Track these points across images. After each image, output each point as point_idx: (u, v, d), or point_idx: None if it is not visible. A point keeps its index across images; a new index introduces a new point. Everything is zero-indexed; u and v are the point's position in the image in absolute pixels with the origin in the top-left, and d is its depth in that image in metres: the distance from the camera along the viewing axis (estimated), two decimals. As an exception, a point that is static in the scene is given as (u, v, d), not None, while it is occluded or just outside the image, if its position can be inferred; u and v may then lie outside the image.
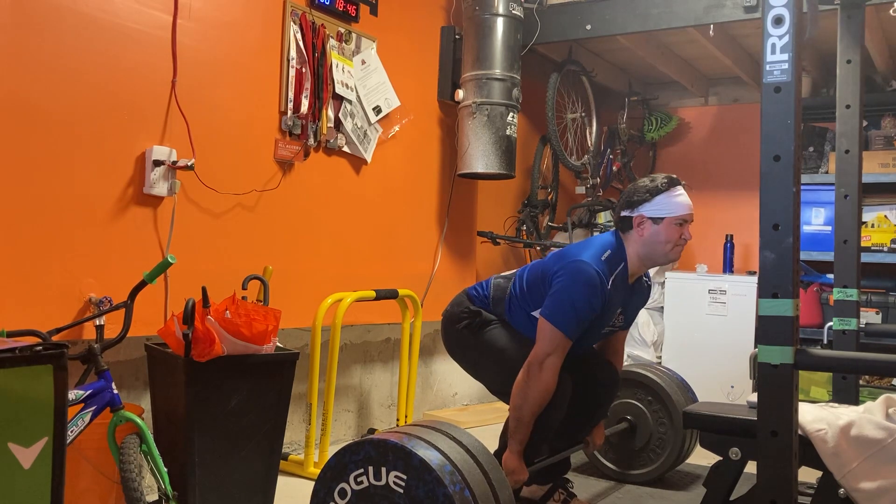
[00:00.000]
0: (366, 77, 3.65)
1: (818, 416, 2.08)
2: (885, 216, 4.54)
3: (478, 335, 2.70)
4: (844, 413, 2.10)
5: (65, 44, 2.54)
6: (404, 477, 1.92)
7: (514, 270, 2.81)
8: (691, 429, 3.04)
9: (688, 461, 3.34)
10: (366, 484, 1.97)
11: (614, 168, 5.41)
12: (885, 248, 4.51)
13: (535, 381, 2.44)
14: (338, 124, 3.52)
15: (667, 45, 4.86)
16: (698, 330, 4.74)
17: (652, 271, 4.90)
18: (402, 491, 1.92)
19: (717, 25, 3.94)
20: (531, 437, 2.51)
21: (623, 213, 2.59)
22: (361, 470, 1.98)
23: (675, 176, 2.59)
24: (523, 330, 2.65)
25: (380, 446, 1.96)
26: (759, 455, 1.70)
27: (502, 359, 2.64)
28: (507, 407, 2.61)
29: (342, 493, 2.00)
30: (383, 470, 1.95)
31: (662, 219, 2.51)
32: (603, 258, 2.52)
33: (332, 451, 3.31)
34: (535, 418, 2.47)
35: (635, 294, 2.73)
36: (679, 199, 2.54)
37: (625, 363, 4.98)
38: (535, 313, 2.59)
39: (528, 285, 2.68)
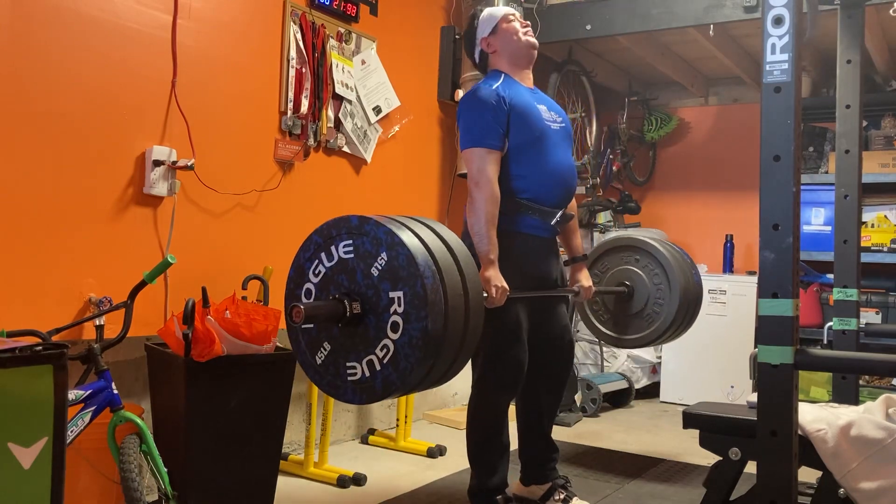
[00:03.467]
0: (366, 77, 3.65)
1: (818, 416, 2.07)
2: (885, 216, 4.54)
3: None
4: (844, 413, 2.10)
5: (65, 44, 2.54)
6: (349, 241, 1.95)
7: None
8: (691, 428, 3.04)
9: (688, 461, 3.34)
10: (323, 270, 1.99)
11: (614, 168, 5.41)
12: (885, 248, 4.51)
13: (479, 196, 2.52)
14: (338, 124, 3.52)
15: (667, 45, 4.86)
16: (698, 330, 4.72)
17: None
18: (352, 255, 1.94)
19: (717, 25, 3.94)
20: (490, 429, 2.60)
21: (476, 54, 2.82)
22: (315, 261, 2.00)
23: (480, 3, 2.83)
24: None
25: (322, 230, 2.00)
26: (759, 455, 1.70)
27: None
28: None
29: (308, 294, 2.01)
30: (332, 248, 1.97)
31: (496, 26, 2.74)
32: (480, 83, 2.70)
33: (332, 451, 3.33)
34: (491, 232, 2.51)
35: (547, 99, 2.82)
36: (494, 10, 2.79)
37: (623, 363, 5.00)
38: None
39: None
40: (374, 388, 1.89)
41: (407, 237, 1.89)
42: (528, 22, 2.84)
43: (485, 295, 2.27)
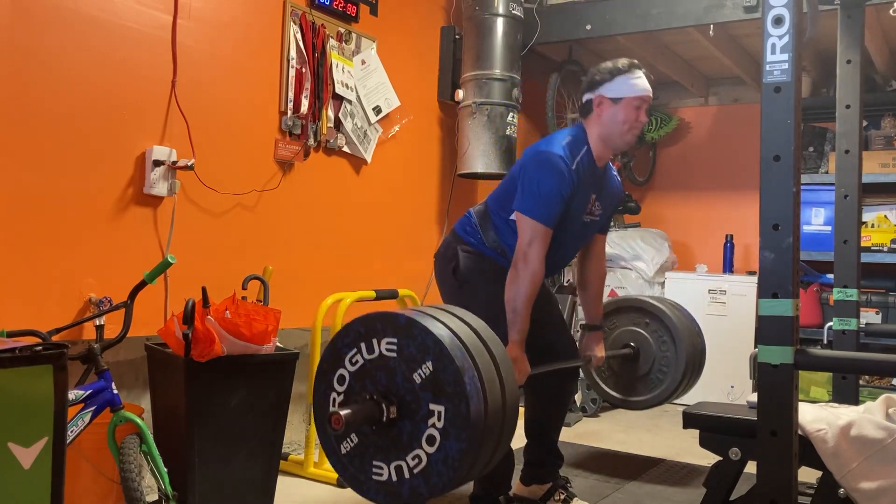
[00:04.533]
0: (366, 77, 3.65)
1: (818, 416, 2.07)
2: (885, 216, 4.54)
3: (463, 287, 2.69)
4: (844, 413, 2.10)
5: (65, 44, 2.54)
6: (394, 340, 1.87)
7: None
8: (691, 428, 3.04)
9: (688, 461, 3.34)
10: (361, 361, 1.92)
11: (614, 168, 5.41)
12: (885, 248, 4.51)
13: (524, 272, 2.47)
14: (338, 124, 3.52)
15: (667, 45, 4.86)
16: (698, 330, 4.73)
17: (650, 266, 4.90)
18: (395, 354, 1.87)
19: (717, 25, 3.94)
20: (501, 469, 2.55)
21: (585, 97, 2.63)
22: (354, 349, 1.93)
23: (636, 61, 2.64)
24: (512, 241, 2.64)
25: (367, 320, 1.92)
26: (759, 455, 1.70)
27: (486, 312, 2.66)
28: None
29: (340, 380, 1.95)
30: (374, 341, 1.90)
31: (621, 99, 2.55)
32: (564, 144, 2.56)
33: (332, 451, 3.32)
34: (528, 311, 2.48)
35: (606, 182, 2.75)
36: (638, 82, 2.58)
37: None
38: (514, 217, 2.61)
39: (498, 195, 2.70)
40: (400, 494, 1.85)
41: (455, 350, 1.82)
42: (648, 119, 2.67)
43: None
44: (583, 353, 2.90)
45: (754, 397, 1.76)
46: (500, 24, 3.98)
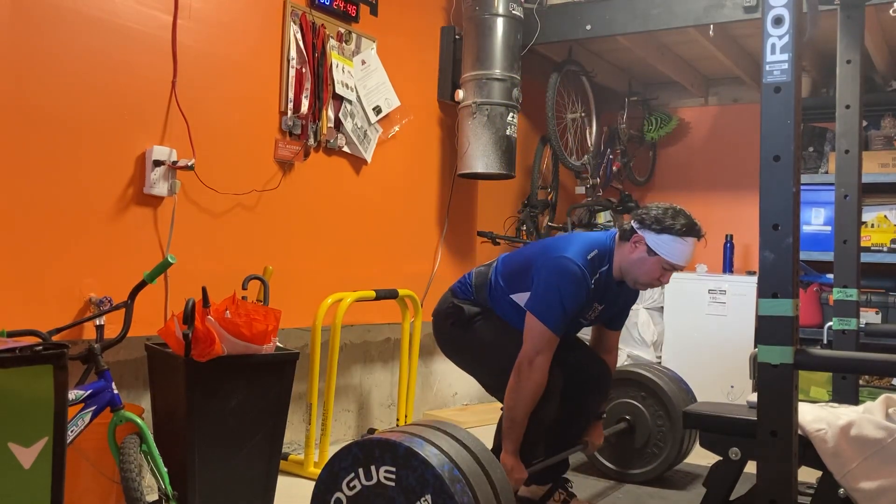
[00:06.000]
0: (366, 77, 3.65)
1: (818, 416, 2.08)
2: (885, 216, 4.54)
3: (466, 332, 2.72)
4: (844, 413, 2.10)
5: (65, 44, 2.54)
6: (393, 469, 1.90)
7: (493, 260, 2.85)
8: (691, 428, 3.04)
9: (688, 461, 3.34)
10: (358, 487, 1.95)
11: (614, 168, 5.41)
12: (885, 248, 4.51)
13: (526, 381, 2.46)
14: (338, 124, 3.52)
15: (667, 45, 4.86)
16: (698, 330, 4.74)
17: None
18: (393, 484, 1.89)
19: (716, 25, 3.94)
20: (527, 436, 2.52)
21: (633, 224, 2.56)
22: (352, 474, 1.96)
23: (698, 226, 2.55)
24: (506, 315, 2.67)
25: (365, 446, 1.95)
26: (759, 455, 1.70)
27: (492, 355, 2.68)
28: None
29: (337, 503, 1.99)
30: (372, 468, 1.93)
31: (657, 254, 2.51)
32: (589, 257, 2.53)
33: (332, 451, 3.31)
34: (528, 418, 2.48)
35: (621, 292, 2.72)
36: (682, 249, 2.52)
37: (624, 363, 4.99)
38: (515, 297, 2.62)
39: (509, 273, 2.69)
40: None
41: (454, 484, 1.84)
42: (668, 282, 2.62)
43: None
44: (581, 440, 2.87)
45: (754, 397, 1.76)
46: (500, 24, 3.97)
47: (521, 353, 2.48)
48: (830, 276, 3.29)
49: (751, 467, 1.85)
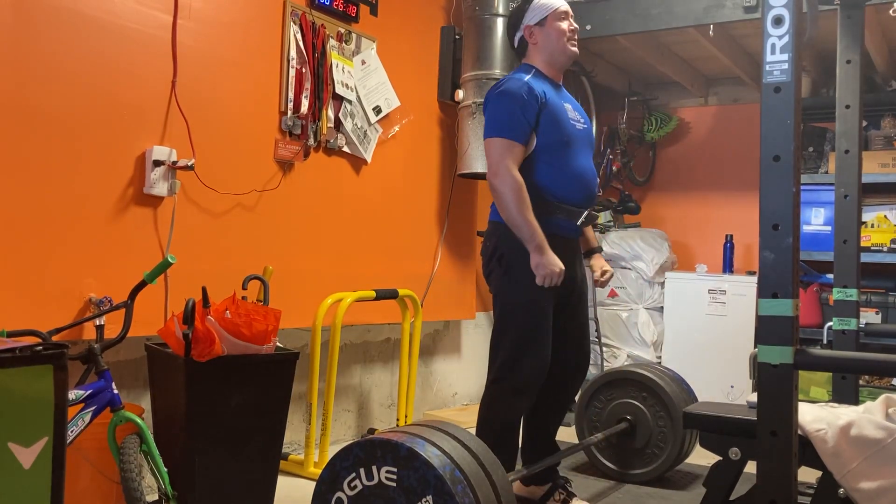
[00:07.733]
0: (366, 77, 3.65)
1: (818, 416, 2.07)
2: (885, 216, 4.54)
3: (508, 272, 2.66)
4: (844, 413, 2.10)
5: (65, 44, 2.54)
6: (394, 469, 1.90)
7: None
8: (691, 429, 3.04)
9: (688, 461, 3.35)
10: (360, 487, 1.96)
11: (614, 168, 5.41)
12: (885, 248, 4.51)
13: (503, 187, 2.51)
14: (338, 124, 3.52)
15: (667, 45, 4.86)
16: (698, 330, 4.74)
17: (650, 266, 4.89)
18: (394, 484, 1.90)
19: (716, 25, 3.94)
20: (504, 445, 2.57)
21: (515, 38, 2.76)
22: (353, 474, 1.96)
23: None
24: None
25: (366, 446, 1.96)
26: (759, 455, 1.70)
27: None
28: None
29: (339, 502, 1.99)
30: (374, 468, 1.94)
31: (545, 19, 2.69)
32: (511, 75, 2.68)
33: (332, 451, 3.31)
34: (527, 217, 2.49)
35: (570, 96, 2.82)
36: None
37: (624, 362, 5.00)
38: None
39: None
40: None
41: (456, 485, 1.84)
42: (577, 26, 2.79)
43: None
44: (592, 272, 2.91)
45: (754, 397, 1.76)
46: (500, 24, 3.97)
47: (487, 169, 2.58)
48: (830, 276, 3.29)
49: (751, 467, 1.85)
